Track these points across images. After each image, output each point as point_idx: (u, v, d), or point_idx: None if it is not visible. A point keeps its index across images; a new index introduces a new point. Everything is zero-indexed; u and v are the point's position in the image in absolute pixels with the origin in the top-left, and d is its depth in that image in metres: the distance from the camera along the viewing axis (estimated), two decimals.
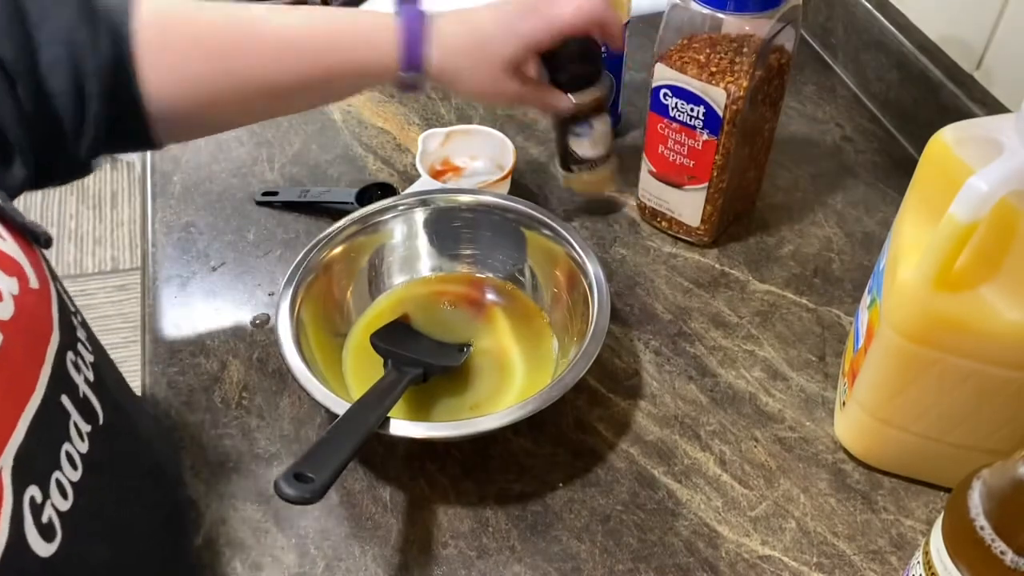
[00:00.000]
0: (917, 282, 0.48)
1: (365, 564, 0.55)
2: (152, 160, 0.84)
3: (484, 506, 0.58)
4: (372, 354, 0.62)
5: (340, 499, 0.58)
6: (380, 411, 0.54)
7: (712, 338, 0.68)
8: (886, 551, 0.55)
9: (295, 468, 0.47)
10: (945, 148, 0.51)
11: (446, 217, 0.69)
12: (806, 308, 0.70)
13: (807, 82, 0.92)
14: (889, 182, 0.80)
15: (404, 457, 0.60)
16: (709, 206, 0.71)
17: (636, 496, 0.58)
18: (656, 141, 0.70)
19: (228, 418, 0.63)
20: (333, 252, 0.65)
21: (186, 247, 0.75)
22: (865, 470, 0.59)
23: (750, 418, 0.62)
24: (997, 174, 0.44)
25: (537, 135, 0.86)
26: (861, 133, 0.86)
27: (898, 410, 0.55)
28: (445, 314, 0.68)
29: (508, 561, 0.55)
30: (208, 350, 0.67)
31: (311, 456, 0.49)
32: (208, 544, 0.56)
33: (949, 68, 0.77)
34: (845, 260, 0.74)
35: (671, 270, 0.73)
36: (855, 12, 0.88)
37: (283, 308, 0.60)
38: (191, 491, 0.58)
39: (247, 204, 0.79)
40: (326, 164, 0.83)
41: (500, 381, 0.63)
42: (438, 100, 0.90)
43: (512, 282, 0.69)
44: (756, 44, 0.63)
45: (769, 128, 0.72)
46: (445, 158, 0.79)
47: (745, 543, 0.56)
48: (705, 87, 0.64)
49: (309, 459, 0.48)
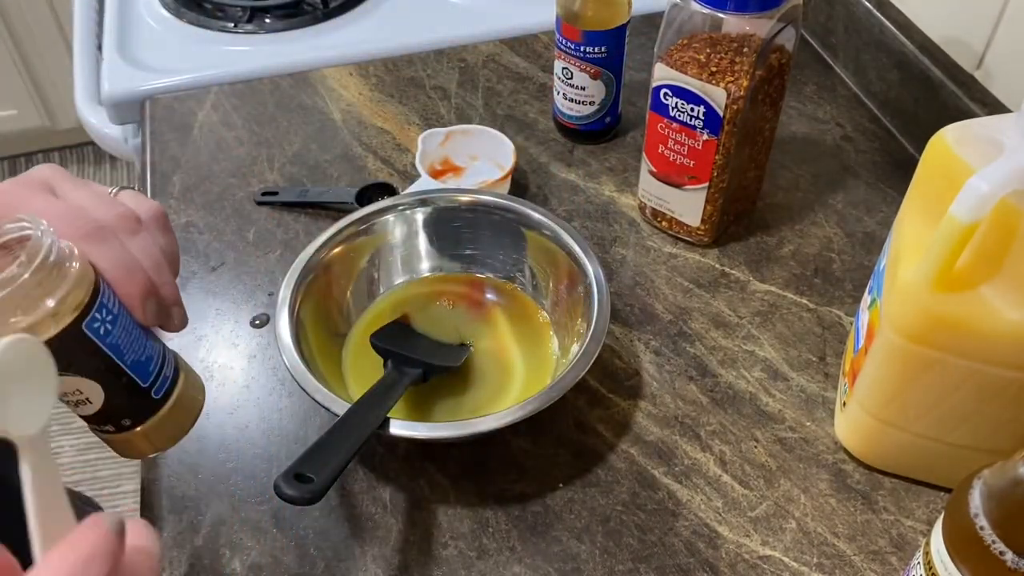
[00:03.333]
0: (918, 282, 0.48)
1: (365, 564, 0.55)
2: (152, 160, 0.84)
3: (484, 506, 0.58)
4: (372, 354, 0.62)
5: (340, 499, 0.58)
6: (380, 411, 0.54)
7: (712, 338, 0.68)
8: (886, 551, 0.55)
9: (295, 468, 0.48)
10: (945, 148, 0.51)
11: (446, 217, 0.69)
12: (806, 308, 0.70)
13: (807, 82, 0.92)
14: (889, 182, 0.80)
15: (404, 457, 0.60)
16: (709, 206, 0.71)
17: (636, 496, 0.58)
18: (656, 141, 0.70)
19: (228, 418, 0.63)
20: (333, 252, 0.65)
21: (186, 247, 0.75)
22: (865, 470, 0.59)
23: (750, 418, 0.62)
24: (998, 174, 0.44)
25: (537, 135, 0.86)
26: (861, 133, 0.86)
27: (898, 410, 0.55)
28: (445, 314, 0.68)
29: (508, 561, 0.55)
30: (208, 350, 0.67)
31: (311, 456, 0.49)
32: (208, 544, 0.56)
33: (949, 68, 0.77)
34: (845, 260, 0.73)
35: (671, 270, 0.73)
36: (855, 12, 0.88)
37: (283, 308, 0.60)
38: (191, 489, 0.58)
39: (247, 204, 0.79)
40: (326, 164, 0.83)
41: (500, 381, 0.63)
42: (438, 100, 0.90)
43: (512, 282, 0.69)
44: (756, 44, 0.63)
45: (769, 128, 0.72)
46: (445, 158, 0.79)
47: (745, 543, 0.56)
48: (705, 87, 0.64)
49: (309, 459, 0.48)
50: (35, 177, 0.42)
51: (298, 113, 0.88)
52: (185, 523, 0.57)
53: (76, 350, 0.39)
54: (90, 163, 2.21)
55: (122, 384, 0.41)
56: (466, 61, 0.95)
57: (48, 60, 1.97)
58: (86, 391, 0.40)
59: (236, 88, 0.92)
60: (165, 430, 0.44)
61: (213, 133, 0.86)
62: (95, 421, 0.42)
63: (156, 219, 0.44)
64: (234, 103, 0.90)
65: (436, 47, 0.97)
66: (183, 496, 0.58)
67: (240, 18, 1.02)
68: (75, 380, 0.40)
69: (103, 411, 0.41)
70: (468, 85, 0.91)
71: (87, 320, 0.38)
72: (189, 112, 0.89)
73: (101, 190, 0.43)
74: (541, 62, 0.94)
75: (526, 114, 0.88)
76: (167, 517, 0.57)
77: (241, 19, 1.02)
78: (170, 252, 0.45)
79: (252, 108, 0.89)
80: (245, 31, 1.01)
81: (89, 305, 0.38)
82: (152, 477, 0.59)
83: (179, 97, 0.91)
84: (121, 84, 0.92)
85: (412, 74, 0.93)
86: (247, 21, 1.02)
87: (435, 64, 0.94)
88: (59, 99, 2.04)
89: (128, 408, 0.42)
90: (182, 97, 0.91)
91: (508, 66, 0.94)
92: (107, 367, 0.40)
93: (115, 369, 0.40)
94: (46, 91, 2.03)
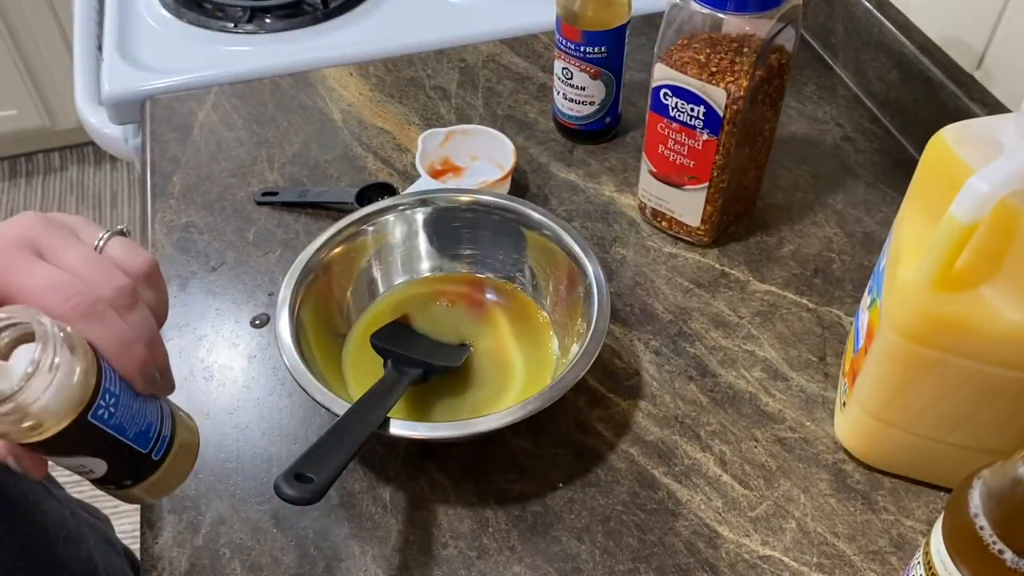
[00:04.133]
0: (917, 282, 0.48)
1: (365, 564, 0.55)
2: (152, 160, 0.84)
3: (484, 506, 0.58)
4: (372, 354, 0.62)
5: (340, 499, 0.58)
6: (380, 411, 0.54)
7: (712, 338, 0.68)
8: (886, 551, 0.55)
9: (295, 468, 0.48)
10: (945, 148, 0.51)
11: (446, 217, 0.69)
12: (806, 308, 0.70)
13: (807, 82, 0.92)
14: (889, 182, 0.80)
15: (404, 457, 0.60)
16: (709, 206, 0.71)
17: (636, 496, 0.58)
18: (656, 141, 0.70)
19: (228, 418, 0.63)
20: (333, 252, 0.65)
21: (186, 247, 0.75)
22: (865, 470, 0.59)
23: (750, 418, 0.62)
24: (997, 174, 0.44)
25: (537, 135, 0.86)
26: (861, 133, 0.86)
27: (898, 410, 0.55)
28: (445, 314, 0.68)
29: (508, 561, 0.55)
30: (208, 350, 0.67)
31: (311, 456, 0.49)
32: (208, 544, 0.56)
33: (949, 68, 0.77)
34: (845, 260, 0.73)
35: (671, 270, 0.73)
36: (855, 12, 0.88)
37: (283, 308, 0.60)
38: (191, 489, 0.58)
39: (247, 204, 0.79)
40: (326, 164, 0.83)
41: (500, 381, 0.63)
42: (438, 100, 0.90)
43: (512, 282, 0.69)
44: (756, 44, 0.63)
45: (769, 128, 0.72)
46: (445, 158, 0.79)
47: (745, 543, 0.56)
48: (705, 87, 0.64)
49: (309, 459, 0.48)
50: (19, 235, 0.39)
51: (298, 113, 0.88)
52: (185, 523, 0.57)
53: (82, 438, 0.38)
54: (90, 163, 2.21)
55: (124, 456, 0.41)
56: (466, 61, 0.95)
57: (48, 60, 1.97)
58: (90, 465, 0.40)
59: (236, 88, 0.92)
60: (166, 482, 0.44)
61: (213, 133, 0.86)
62: (97, 482, 0.42)
63: (148, 276, 0.43)
64: (234, 103, 0.90)
65: (436, 47, 0.97)
66: (183, 496, 0.58)
67: (240, 18, 1.02)
68: (79, 459, 0.40)
69: (105, 477, 0.42)
70: (468, 85, 0.91)
71: (92, 410, 0.38)
72: (189, 112, 0.89)
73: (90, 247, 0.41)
74: (541, 62, 0.94)
75: (526, 114, 0.88)
76: (167, 517, 0.57)
77: (241, 19, 1.02)
78: (159, 306, 0.44)
79: (252, 108, 0.89)
80: (245, 31, 1.01)
81: (95, 394, 0.38)
82: None
83: (179, 97, 0.91)
84: (121, 84, 0.92)
85: (412, 74, 0.93)
86: (247, 21, 1.02)
87: (435, 64, 0.94)
88: (59, 99, 2.04)
89: (130, 473, 0.42)
90: (182, 97, 0.91)
91: (508, 66, 0.94)
92: (110, 445, 0.40)
93: (118, 445, 0.40)
94: (46, 91, 2.03)
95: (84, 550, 0.65)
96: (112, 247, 0.42)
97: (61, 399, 0.36)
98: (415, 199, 0.68)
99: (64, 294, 0.38)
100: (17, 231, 0.39)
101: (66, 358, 0.36)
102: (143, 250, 0.43)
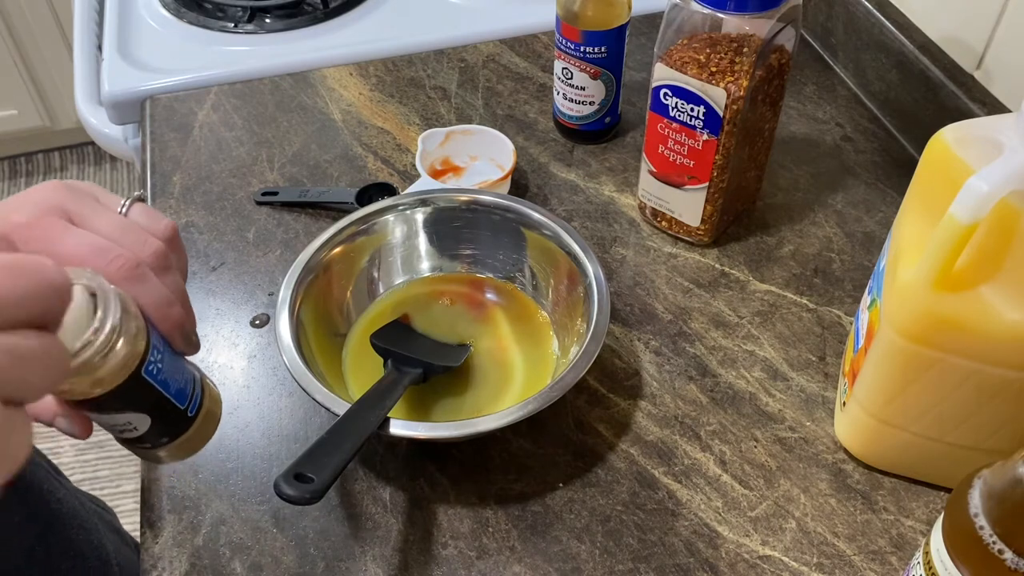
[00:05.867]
0: (917, 282, 0.48)
1: (365, 564, 0.55)
2: (152, 160, 0.84)
3: (484, 506, 0.58)
4: (372, 354, 0.62)
5: (340, 499, 0.58)
6: (380, 411, 0.54)
7: (712, 338, 0.68)
8: (886, 551, 0.55)
9: (295, 468, 0.48)
10: (945, 148, 0.51)
11: (446, 217, 0.69)
12: (806, 308, 0.70)
13: (807, 82, 0.92)
14: (889, 182, 0.80)
15: (404, 457, 0.60)
16: (709, 206, 0.71)
17: (636, 496, 0.58)
18: (656, 141, 0.70)
19: (228, 418, 0.63)
20: (333, 252, 0.65)
21: (186, 247, 0.75)
22: (865, 470, 0.59)
23: (750, 418, 0.62)
24: (997, 174, 0.44)
25: (537, 135, 0.86)
26: (861, 133, 0.86)
27: (898, 410, 0.55)
28: (445, 314, 0.68)
29: (508, 561, 0.55)
30: (208, 350, 0.67)
31: (311, 456, 0.49)
32: (208, 544, 0.56)
33: (949, 68, 0.77)
34: (845, 260, 0.73)
35: (671, 270, 0.73)
36: (855, 12, 0.88)
37: (283, 308, 0.60)
38: (191, 489, 0.58)
39: (247, 204, 0.79)
40: (326, 164, 0.83)
41: (500, 381, 0.63)
42: (438, 100, 0.90)
43: (512, 282, 0.69)
44: (756, 44, 0.63)
45: (769, 128, 0.72)
46: (445, 158, 0.79)
47: (745, 543, 0.56)
48: (705, 87, 0.64)
49: (309, 459, 0.48)
50: (46, 202, 0.41)
51: (298, 113, 0.88)
52: (185, 523, 0.57)
53: (136, 392, 0.40)
54: (90, 163, 2.21)
55: (167, 412, 0.43)
56: (466, 61, 0.95)
57: (48, 60, 1.97)
58: (136, 422, 0.42)
59: (236, 88, 0.92)
60: (193, 442, 0.46)
61: (213, 133, 0.86)
62: (135, 441, 0.44)
63: (171, 240, 0.45)
64: (234, 103, 0.90)
65: (436, 47, 0.97)
66: (183, 496, 0.58)
67: (240, 18, 1.02)
68: (127, 415, 0.41)
69: (146, 435, 0.43)
70: (468, 85, 0.91)
71: (144, 365, 0.39)
72: (189, 112, 0.89)
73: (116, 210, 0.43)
74: (541, 62, 0.94)
75: (526, 114, 0.88)
76: (167, 517, 0.57)
77: (241, 19, 1.02)
78: (183, 269, 0.46)
79: (252, 108, 0.89)
80: (245, 31, 1.01)
81: (146, 350, 0.40)
82: (152, 477, 0.59)
83: (179, 97, 0.91)
84: (121, 84, 0.92)
85: (412, 74, 0.93)
86: (247, 21, 1.02)
87: (435, 64, 0.94)
88: (59, 99, 2.04)
89: (168, 429, 0.44)
90: (182, 97, 0.91)
91: (508, 66, 0.94)
92: (157, 400, 0.41)
93: (163, 401, 0.42)
94: (46, 91, 2.03)
95: (96, 538, 0.66)
96: (135, 212, 0.43)
97: (123, 355, 0.38)
98: (415, 199, 0.68)
99: (107, 257, 0.39)
100: (47, 198, 0.41)
101: (124, 315, 0.38)
102: (163, 215, 0.44)
